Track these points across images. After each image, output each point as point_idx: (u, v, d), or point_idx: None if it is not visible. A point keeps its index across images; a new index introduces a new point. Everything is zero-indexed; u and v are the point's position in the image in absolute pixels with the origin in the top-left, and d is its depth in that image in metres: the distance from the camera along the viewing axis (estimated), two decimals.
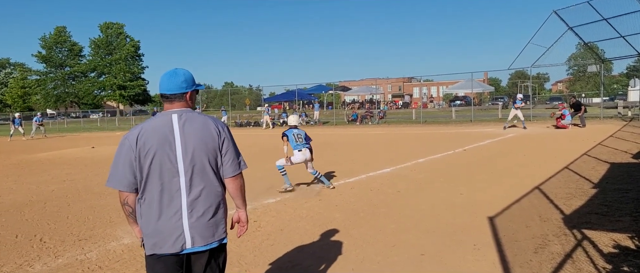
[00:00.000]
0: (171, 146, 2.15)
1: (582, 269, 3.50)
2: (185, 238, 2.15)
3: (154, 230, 2.15)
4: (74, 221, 5.63)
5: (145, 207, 2.17)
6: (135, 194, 2.20)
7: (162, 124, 2.18)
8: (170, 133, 2.16)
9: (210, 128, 2.22)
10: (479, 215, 5.26)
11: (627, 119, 21.10)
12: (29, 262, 4.17)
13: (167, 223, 2.14)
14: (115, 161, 2.18)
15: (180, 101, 2.23)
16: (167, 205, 2.14)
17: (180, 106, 2.23)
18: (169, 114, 2.20)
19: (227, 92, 42.18)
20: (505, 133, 17.31)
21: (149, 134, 2.15)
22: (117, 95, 65.48)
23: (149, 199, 2.16)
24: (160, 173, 2.14)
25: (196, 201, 2.17)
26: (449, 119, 28.68)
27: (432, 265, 3.79)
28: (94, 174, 9.83)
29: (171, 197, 2.15)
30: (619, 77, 57.36)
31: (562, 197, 5.92)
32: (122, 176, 2.15)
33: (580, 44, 26.46)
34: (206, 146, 2.19)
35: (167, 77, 2.24)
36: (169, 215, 2.14)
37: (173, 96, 2.22)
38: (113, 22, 66.86)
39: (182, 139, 2.16)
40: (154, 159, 2.14)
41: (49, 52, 64.88)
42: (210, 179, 2.21)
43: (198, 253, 2.21)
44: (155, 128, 2.17)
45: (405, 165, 9.60)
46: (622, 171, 7.55)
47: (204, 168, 2.19)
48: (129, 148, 2.15)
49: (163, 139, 2.15)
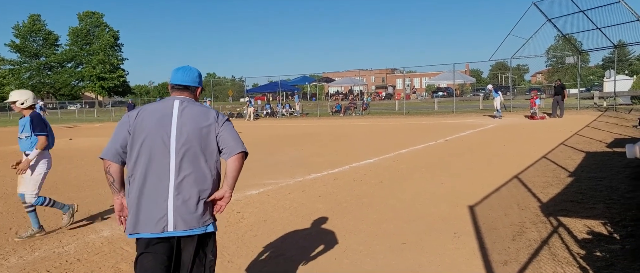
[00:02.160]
0: (166, 128, 2.19)
1: (557, 255, 3.60)
2: (168, 220, 2.13)
3: (138, 209, 2.15)
4: (51, 213, 5.50)
5: (133, 185, 2.19)
6: (120, 165, 2.24)
7: (163, 107, 2.27)
8: (169, 116, 2.23)
9: (208, 116, 2.26)
10: (460, 204, 5.36)
11: (603, 110, 21.69)
12: (4, 255, 4.07)
13: (152, 204, 2.14)
14: (113, 135, 2.26)
15: (190, 94, 2.35)
16: (154, 185, 2.15)
17: (187, 96, 2.34)
18: (173, 99, 2.30)
19: (210, 84, 41.64)
20: (486, 123, 17.59)
21: (147, 114, 2.24)
22: (96, 86, 64.02)
23: (137, 177, 2.17)
24: (152, 152, 2.17)
25: (183, 185, 2.16)
26: (432, 110, 29.00)
27: (413, 253, 3.85)
28: (72, 166, 9.62)
29: (159, 178, 2.15)
30: (595, 69, 58.80)
31: (540, 186, 6.07)
32: (110, 146, 2.23)
33: (559, 35, 26.97)
34: (201, 132, 2.22)
35: (183, 71, 2.36)
36: (154, 195, 2.15)
37: (186, 88, 2.34)
38: (92, 11, 65.12)
39: (178, 123, 2.21)
40: (147, 138, 2.18)
41: (23, 42, 62.85)
42: (201, 166, 2.20)
43: (186, 240, 2.21)
44: (156, 109, 2.26)
45: (388, 156, 9.68)
46: (597, 160, 7.77)
47: (195, 153, 2.20)
48: (125, 123, 2.24)
49: (160, 120, 2.21)
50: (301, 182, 7.07)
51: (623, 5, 18.54)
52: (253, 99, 31.64)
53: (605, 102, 24.64)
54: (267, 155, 10.33)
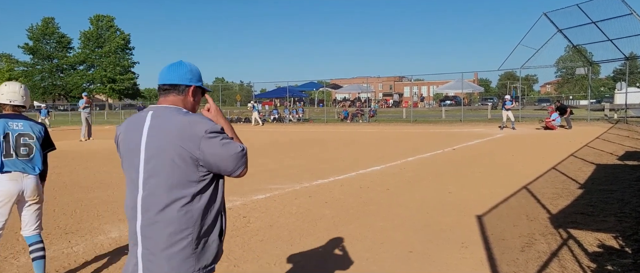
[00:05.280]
0: (135, 151, 1.69)
1: (568, 267, 3.55)
2: (138, 271, 1.67)
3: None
4: (60, 214, 5.55)
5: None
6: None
7: (137, 121, 1.73)
8: (140, 133, 1.69)
9: (181, 130, 1.63)
10: (467, 213, 5.31)
11: (614, 122, 21.45)
12: (15, 254, 4.11)
13: (130, 247, 1.74)
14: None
15: (177, 95, 1.77)
16: (130, 226, 1.72)
17: (169, 101, 1.76)
18: (148, 110, 1.75)
19: (218, 88, 41.89)
20: (494, 133, 17.48)
21: (125, 131, 1.77)
22: (107, 88, 64.73)
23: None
24: (128, 179, 1.73)
25: (151, 225, 1.64)
26: (439, 118, 28.89)
27: (420, 262, 3.82)
28: (81, 167, 9.71)
29: (132, 216, 1.71)
30: (606, 80, 58.28)
31: (549, 197, 6.00)
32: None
33: (569, 46, 26.79)
34: (174, 154, 1.62)
35: (168, 67, 1.80)
36: (131, 238, 1.72)
37: (170, 88, 1.76)
38: (103, 15, 66.05)
39: (147, 142, 1.67)
40: (124, 162, 1.76)
41: (37, 44, 63.83)
42: (172, 197, 1.63)
43: None
44: (131, 124, 1.76)
45: (395, 163, 9.65)
46: (608, 173, 7.68)
47: (164, 180, 1.64)
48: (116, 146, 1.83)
49: (132, 137, 1.71)
50: (307, 188, 7.07)
51: (635, 17, 18.41)
52: (260, 104, 31.77)
53: (616, 114, 24.38)
54: (273, 160, 10.34)
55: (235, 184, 7.43)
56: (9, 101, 3.12)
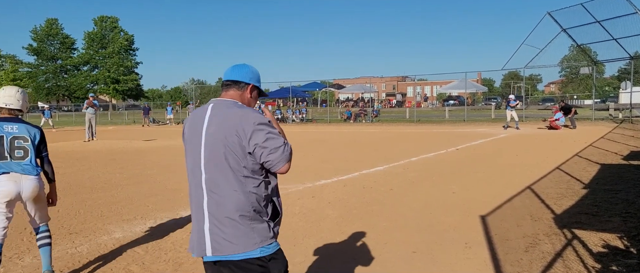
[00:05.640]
0: (198, 139, 1.93)
1: (572, 268, 3.54)
2: (206, 244, 1.89)
3: (192, 228, 2.01)
4: (64, 215, 5.58)
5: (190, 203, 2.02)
6: None
7: (200, 113, 1.98)
8: (201, 123, 1.94)
9: (233, 123, 1.86)
10: (471, 213, 5.30)
11: (618, 121, 21.34)
12: (19, 254, 4.13)
13: (195, 225, 1.96)
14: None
15: (237, 90, 2.02)
16: (195, 202, 1.96)
17: (230, 95, 2.02)
18: (210, 103, 2.01)
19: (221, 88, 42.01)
20: (498, 132, 17.42)
21: (189, 122, 2.02)
22: (110, 89, 64.94)
23: (189, 193, 2.02)
24: (192, 167, 1.97)
25: (215, 204, 1.88)
26: (443, 118, 28.82)
27: (424, 262, 3.81)
28: (85, 168, 9.75)
29: (197, 197, 1.94)
30: (611, 80, 57.98)
31: (553, 197, 5.98)
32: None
33: (573, 46, 26.68)
34: (227, 142, 1.85)
35: (233, 67, 2.07)
36: (196, 216, 1.95)
37: (232, 84, 2.03)
38: (107, 16, 66.28)
39: (206, 133, 1.91)
40: (187, 151, 2.00)
41: (41, 45, 64.10)
42: (230, 181, 1.86)
43: (225, 266, 1.88)
44: (194, 116, 2.01)
45: (399, 163, 9.63)
46: (613, 173, 7.64)
47: (224, 166, 1.87)
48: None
49: (195, 128, 1.96)
50: (311, 188, 7.07)
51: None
52: (264, 104, 31.80)
53: (621, 114, 24.25)
54: None
55: None
56: (5, 105, 3.21)
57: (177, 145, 15.10)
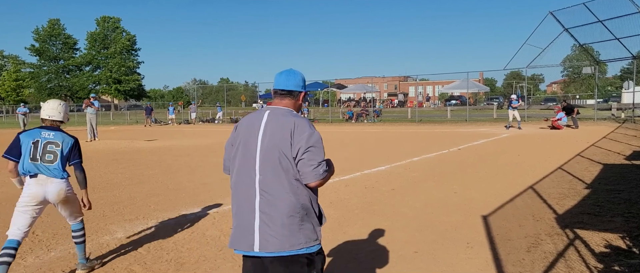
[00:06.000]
0: (253, 143, 2.09)
1: (574, 268, 3.53)
2: (254, 240, 2.02)
3: (234, 224, 2.13)
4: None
5: (232, 199, 2.17)
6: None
7: (254, 119, 2.16)
8: (258, 128, 2.11)
9: (286, 130, 2.04)
10: (473, 213, 5.29)
11: (621, 121, 21.28)
12: (22, 254, 4.14)
13: (242, 220, 2.08)
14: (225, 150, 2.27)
15: (291, 99, 2.19)
16: (244, 201, 2.08)
17: (284, 103, 2.18)
18: (266, 109, 2.18)
19: (223, 89, 42.03)
20: (500, 132, 17.40)
21: (244, 125, 2.17)
22: (112, 89, 65.05)
23: (233, 191, 2.16)
24: (241, 168, 2.11)
25: (267, 203, 2.03)
26: (444, 118, 28.79)
27: (426, 262, 3.81)
28: (87, 168, 9.72)
29: (247, 196, 2.08)
30: (613, 79, 57.85)
31: (555, 197, 5.96)
32: (225, 160, 2.25)
33: (576, 45, 26.62)
34: (280, 148, 2.03)
35: (286, 74, 2.21)
36: (244, 211, 2.08)
37: (289, 93, 2.18)
38: (109, 16, 66.40)
39: (262, 138, 2.07)
40: (239, 153, 2.13)
41: (43, 45, 64.25)
42: (283, 186, 2.02)
43: (273, 261, 2.03)
44: (249, 120, 2.18)
45: (400, 163, 9.63)
46: (615, 172, 7.62)
47: (276, 172, 2.03)
48: (231, 135, 2.23)
49: (251, 131, 2.12)
50: None
51: None
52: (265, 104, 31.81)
53: (624, 113, 24.18)
54: None
55: None
56: (48, 116, 3.58)
57: (178, 145, 15.12)
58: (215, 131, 22.83)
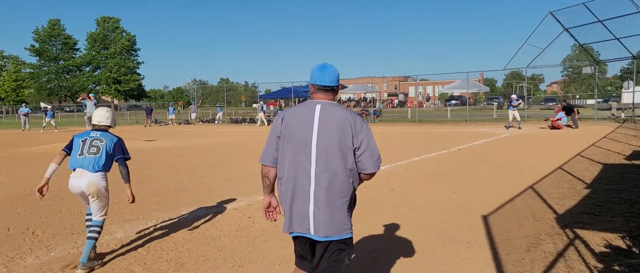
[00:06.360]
0: (308, 133, 2.26)
1: (574, 268, 3.53)
2: (310, 224, 2.24)
3: (291, 210, 2.30)
4: (66, 215, 5.60)
5: (282, 187, 2.34)
6: (276, 169, 2.39)
7: (306, 111, 2.32)
8: (311, 120, 2.28)
9: (347, 123, 2.25)
10: (473, 213, 5.29)
11: (621, 121, 21.28)
12: (21, 254, 4.14)
13: (297, 207, 2.27)
14: (267, 140, 2.42)
15: (334, 93, 2.40)
16: (300, 189, 2.26)
17: (329, 97, 2.37)
18: (314, 103, 2.33)
19: (223, 89, 42.02)
20: (500, 132, 17.39)
21: (293, 118, 2.33)
22: (112, 90, 65.00)
23: (284, 179, 2.31)
24: (297, 158, 2.27)
25: (322, 191, 2.22)
26: (444, 118, 28.78)
27: (426, 262, 3.81)
28: None
29: (303, 183, 2.25)
30: (613, 79, 57.84)
31: (555, 197, 5.96)
32: (267, 152, 2.40)
33: (576, 45, 26.62)
34: (340, 140, 2.23)
35: (328, 71, 2.37)
36: (300, 199, 2.26)
37: (328, 88, 2.37)
38: (109, 17, 66.36)
39: (319, 129, 2.26)
40: (293, 143, 2.29)
41: (43, 46, 64.21)
42: (338, 173, 2.23)
43: (324, 244, 2.27)
44: (299, 113, 2.34)
45: (400, 163, 9.62)
46: (615, 172, 7.61)
47: (334, 160, 2.23)
48: (275, 128, 2.37)
49: (303, 125, 2.28)
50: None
51: None
52: (265, 105, 31.83)
53: (624, 113, 24.18)
54: None
55: (239, 184, 7.44)
56: (99, 122, 4.14)
57: (178, 146, 15.12)
58: (216, 132, 22.83)
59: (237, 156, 11.71)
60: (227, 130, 23.94)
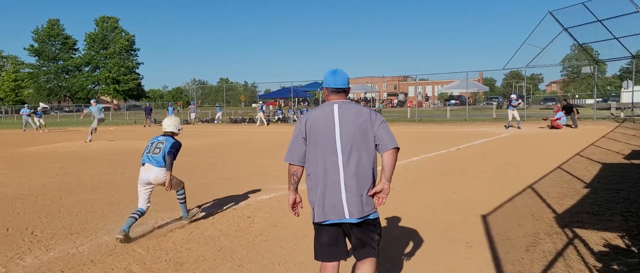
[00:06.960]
0: (331, 130, 2.56)
1: (573, 267, 3.53)
2: (344, 210, 2.52)
3: (320, 202, 2.56)
4: (65, 215, 5.59)
5: (312, 182, 2.61)
6: (302, 168, 2.65)
7: (326, 112, 2.61)
8: (332, 119, 2.58)
9: (364, 115, 2.59)
10: (472, 213, 5.29)
11: (620, 121, 21.30)
12: (20, 255, 4.14)
13: (329, 197, 2.53)
14: (291, 140, 2.66)
15: (344, 93, 2.68)
16: (330, 180, 2.53)
17: (342, 97, 2.67)
18: (332, 104, 2.63)
19: (223, 89, 41.99)
20: (499, 132, 17.40)
21: (315, 119, 2.61)
22: (111, 89, 64.94)
23: (314, 174, 2.59)
24: (325, 153, 2.55)
25: (351, 178, 2.52)
26: (444, 118, 28.77)
27: (425, 261, 3.81)
28: (86, 168, 9.76)
29: (332, 175, 2.53)
30: (613, 79, 57.85)
31: (555, 196, 5.97)
32: (294, 152, 2.64)
33: (575, 45, 26.63)
34: (360, 130, 2.55)
35: (340, 75, 2.68)
36: (330, 189, 2.53)
37: (341, 90, 2.67)
38: (108, 16, 66.32)
39: (340, 125, 2.56)
40: (319, 141, 2.57)
41: (42, 46, 64.16)
42: (363, 161, 2.55)
43: (357, 225, 2.58)
44: (320, 114, 2.61)
45: (400, 163, 9.62)
46: (614, 172, 7.62)
47: (358, 150, 2.54)
48: (299, 130, 2.63)
49: (325, 124, 2.58)
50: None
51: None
52: (265, 105, 31.81)
53: (623, 113, 24.20)
54: (278, 160, 10.34)
55: (239, 184, 7.44)
56: (164, 129, 5.01)
57: None
58: (215, 132, 22.82)
59: (236, 156, 11.71)
60: (227, 130, 23.93)
